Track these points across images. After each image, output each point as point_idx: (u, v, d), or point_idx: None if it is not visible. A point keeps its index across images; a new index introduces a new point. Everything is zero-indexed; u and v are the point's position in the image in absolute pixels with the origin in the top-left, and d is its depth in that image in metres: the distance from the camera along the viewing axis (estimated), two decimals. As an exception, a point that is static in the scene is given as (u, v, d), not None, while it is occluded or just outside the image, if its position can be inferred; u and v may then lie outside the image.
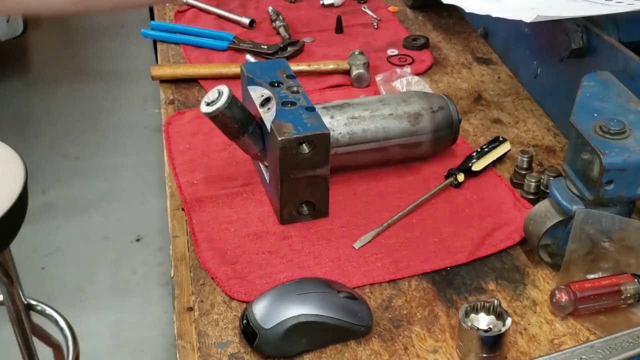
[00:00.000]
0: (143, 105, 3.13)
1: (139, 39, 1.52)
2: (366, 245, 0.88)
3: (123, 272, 2.33)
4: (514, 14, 0.94)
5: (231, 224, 0.91)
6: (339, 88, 1.21)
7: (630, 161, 0.74)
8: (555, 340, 0.76)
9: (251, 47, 1.30)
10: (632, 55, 0.90)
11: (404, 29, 1.39)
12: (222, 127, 0.89)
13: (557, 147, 1.05)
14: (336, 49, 1.31)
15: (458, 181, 0.96)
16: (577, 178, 0.80)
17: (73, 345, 1.49)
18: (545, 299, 0.80)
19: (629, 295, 0.77)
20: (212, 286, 0.83)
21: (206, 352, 0.75)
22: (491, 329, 0.73)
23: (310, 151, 0.86)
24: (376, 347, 0.76)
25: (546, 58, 1.11)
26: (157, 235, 2.45)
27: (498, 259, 0.87)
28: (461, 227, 0.90)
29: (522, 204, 0.94)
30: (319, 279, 0.79)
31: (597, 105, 0.82)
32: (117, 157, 2.81)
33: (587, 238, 0.78)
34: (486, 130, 1.10)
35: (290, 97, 0.92)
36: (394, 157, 0.99)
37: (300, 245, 0.88)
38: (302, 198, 0.89)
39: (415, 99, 0.99)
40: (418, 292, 0.82)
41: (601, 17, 0.98)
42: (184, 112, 1.14)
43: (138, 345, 2.09)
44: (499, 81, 1.22)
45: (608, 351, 0.69)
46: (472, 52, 1.32)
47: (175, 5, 1.49)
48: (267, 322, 0.73)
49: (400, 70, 1.19)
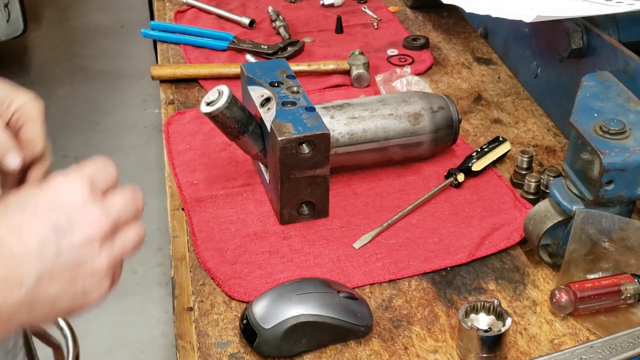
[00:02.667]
0: (143, 105, 3.13)
1: (139, 39, 1.53)
2: (366, 245, 0.88)
3: (123, 272, 2.32)
4: (514, 14, 0.94)
5: (231, 224, 0.91)
6: (339, 88, 1.21)
7: (630, 161, 0.74)
8: (555, 340, 0.76)
9: (251, 47, 1.30)
10: (632, 55, 0.90)
11: (404, 29, 1.39)
12: (222, 127, 0.89)
13: (557, 147, 1.05)
14: (336, 49, 1.31)
15: (458, 181, 0.96)
16: (577, 178, 0.80)
17: (73, 345, 1.49)
18: (545, 299, 0.81)
19: (629, 295, 0.77)
20: (212, 286, 0.83)
21: (206, 352, 0.75)
22: (491, 329, 0.73)
23: (310, 151, 0.86)
24: (376, 347, 0.76)
25: (546, 58, 1.11)
26: (157, 235, 2.45)
27: (498, 259, 0.87)
28: (461, 227, 0.90)
29: (522, 204, 0.94)
30: (319, 279, 0.79)
31: (597, 105, 0.82)
32: (117, 157, 2.81)
33: (587, 238, 0.78)
34: (486, 130, 1.10)
35: (290, 97, 0.92)
36: (394, 157, 0.99)
37: (300, 245, 0.88)
38: (302, 198, 0.89)
39: (415, 99, 0.99)
40: (418, 292, 0.82)
41: (601, 17, 0.98)
42: (184, 112, 1.14)
43: (138, 345, 2.09)
44: (499, 81, 1.22)
45: (608, 351, 0.69)
46: (472, 52, 1.32)
47: (175, 5, 1.49)
48: (267, 322, 0.73)
49: (400, 70, 1.19)
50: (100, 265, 0.55)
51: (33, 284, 0.52)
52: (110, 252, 0.56)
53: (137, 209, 0.59)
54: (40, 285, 0.53)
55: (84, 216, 0.55)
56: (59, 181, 0.56)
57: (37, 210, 0.54)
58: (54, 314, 0.55)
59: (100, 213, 0.56)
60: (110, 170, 0.59)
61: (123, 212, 0.58)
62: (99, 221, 0.55)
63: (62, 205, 0.54)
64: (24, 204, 0.55)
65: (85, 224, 0.55)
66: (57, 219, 0.54)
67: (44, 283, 0.53)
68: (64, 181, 0.56)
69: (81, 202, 0.55)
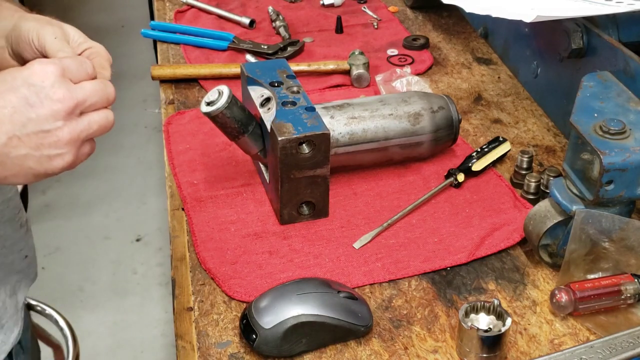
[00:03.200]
0: (143, 105, 3.13)
1: (139, 39, 1.53)
2: (366, 245, 0.88)
3: (123, 272, 2.33)
4: (514, 14, 0.94)
5: (231, 224, 0.91)
6: (339, 88, 1.21)
7: (630, 161, 0.74)
8: (555, 340, 0.76)
9: (251, 47, 1.30)
10: (632, 55, 0.90)
11: (404, 29, 1.39)
12: (222, 127, 0.89)
13: (557, 147, 1.05)
14: (336, 49, 1.31)
15: (458, 181, 0.96)
16: (577, 178, 0.80)
17: (73, 345, 1.49)
18: (545, 299, 0.81)
19: (629, 295, 0.77)
20: (212, 286, 0.83)
21: (206, 352, 0.75)
22: (491, 329, 0.73)
23: (310, 151, 0.86)
24: (376, 347, 0.76)
25: (546, 58, 1.11)
26: (157, 235, 2.45)
27: (498, 259, 0.87)
28: (461, 227, 0.90)
29: (522, 204, 0.94)
30: (319, 279, 0.79)
31: (597, 105, 0.82)
32: (117, 157, 2.81)
33: (587, 238, 0.78)
34: (486, 130, 1.10)
35: (290, 97, 0.92)
36: (394, 157, 0.99)
37: (300, 245, 0.88)
38: (302, 198, 0.89)
39: (415, 99, 0.99)
40: (418, 292, 0.82)
41: (601, 17, 0.98)
42: (184, 112, 1.14)
43: (138, 345, 2.09)
44: (499, 81, 1.22)
45: (608, 351, 0.69)
46: (472, 52, 1.32)
47: (175, 5, 1.49)
48: (267, 322, 0.73)
49: (400, 70, 1.19)
50: (62, 136, 0.66)
51: (4, 143, 0.63)
52: (73, 127, 0.66)
53: (108, 97, 0.71)
54: (10, 145, 0.64)
55: (50, 94, 0.65)
56: (36, 64, 0.66)
57: (13, 84, 0.65)
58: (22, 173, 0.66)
59: (66, 93, 0.66)
60: (86, 65, 0.69)
61: (91, 97, 0.68)
62: (64, 99, 0.65)
63: (33, 83, 0.65)
64: (3, 79, 0.65)
65: (50, 100, 0.65)
66: (28, 94, 0.64)
67: (13, 142, 0.64)
68: (40, 64, 0.66)
69: (50, 82, 0.65)
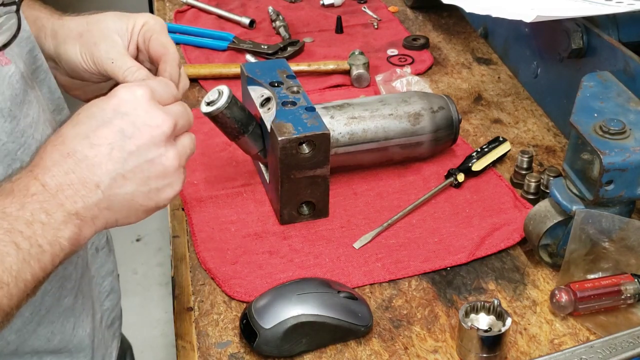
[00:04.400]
0: (143, 105, 3.13)
1: (139, 39, 1.52)
2: (366, 245, 0.88)
3: (123, 272, 2.33)
4: (514, 14, 0.94)
5: (231, 224, 0.91)
6: (339, 88, 1.21)
7: (630, 161, 0.74)
8: (555, 340, 0.76)
9: (251, 47, 1.30)
10: (632, 55, 0.90)
11: (404, 29, 1.39)
12: (222, 127, 0.88)
13: (557, 147, 1.05)
14: (336, 49, 1.31)
15: (458, 181, 0.96)
16: (577, 178, 0.80)
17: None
18: (545, 299, 0.80)
19: (629, 295, 0.77)
20: (212, 286, 0.83)
21: (206, 352, 0.75)
22: (491, 329, 0.73)
23: (310, 151, 0.86)
24: (376, 347, 0.76)
25: (546, 58, 1.11)
26: (157, 235, 2.45)
27: (498, 259, 0.87)
28: (461, 227, 0.90)
29: (522, 204, 0.94)
30: (319, 279, 0.79)
31: (597, 105, 0.82)
32: (117, 157, 2.81)
33: (587, 238, 0.78)
34: (486, 130, 1.10)
35: (290, 97, 0.92)
36: (394, 157, 0.99)
37: (300, 245, 0.88)
38: (302, 198, 0.89)
39: (415, 99, 0.99)
40: (418, 292, 0.82)
41: (601, 17, 0.98)
42: (184, 112, 1.14)
43: (138, 345, 2.09)
44: (499, 81, 1.22)
45: (608, 351, 0.69)
46: (472, 52, 1.32)
47: (175, 5, 1.49)
48: (267, 322, 0.73)
49: (400, 70, 1.19)
50: (169, 163, 0.61)
51: (108, 185, 0.58)
52: (177, 151, 0.62)
53: (189, 119, 0.65)
54: (114, 185, 0.59)
55: (147, 120, 0.60)
56: (122, 91, 0.61)
57: (104, 118, 0.59)
58: (133, 212, 0.61)
59: (163, 115, 0.61)
60: (171, 87, 0.64)
61: (180, 118, 0.63)
62: (162, 123, 0.60)
63: (125, 112, 0.60)
64: (91, 113, 0.60)
65: (149, 127, 0.60)
66: (122, 125, 0.59)
67: (117, 183, 0.59)
68: (126, 90, 0.61)
69: (143, 108, 0.60)
